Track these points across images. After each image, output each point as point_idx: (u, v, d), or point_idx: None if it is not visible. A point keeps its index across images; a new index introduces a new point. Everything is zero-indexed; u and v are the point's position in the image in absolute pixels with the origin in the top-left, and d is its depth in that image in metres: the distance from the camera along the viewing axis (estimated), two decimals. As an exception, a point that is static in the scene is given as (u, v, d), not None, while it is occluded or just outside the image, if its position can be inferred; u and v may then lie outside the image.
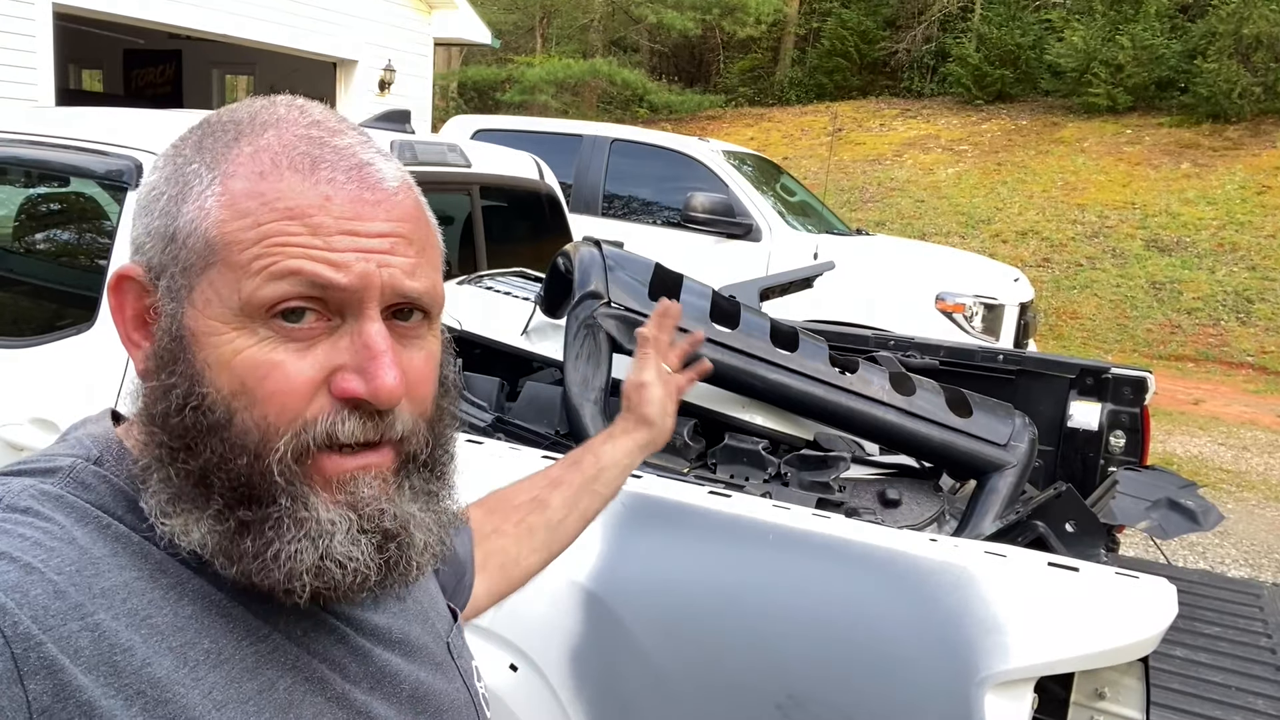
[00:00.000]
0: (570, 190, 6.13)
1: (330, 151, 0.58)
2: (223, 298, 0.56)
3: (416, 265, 0.60)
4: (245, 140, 0.59)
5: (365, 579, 0.57)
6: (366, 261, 0.57)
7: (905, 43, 17.12)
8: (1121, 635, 1.21)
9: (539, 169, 3.02)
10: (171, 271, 0.58)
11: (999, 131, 14.36)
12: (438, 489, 0.64)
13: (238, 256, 0.56)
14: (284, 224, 0.56)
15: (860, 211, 12.51)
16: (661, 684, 1.41)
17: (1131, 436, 2.45)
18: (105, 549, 0.55)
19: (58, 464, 0.58)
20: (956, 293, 5.32)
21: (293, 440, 0.56)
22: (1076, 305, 10.23)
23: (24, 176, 2.38)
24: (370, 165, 0.59)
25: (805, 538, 1.39)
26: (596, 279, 1.85)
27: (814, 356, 1.90)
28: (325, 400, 0.57)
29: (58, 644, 0.49)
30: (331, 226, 0.56)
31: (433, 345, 0.63)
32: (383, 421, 0.58)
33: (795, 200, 6.59)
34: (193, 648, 0.54)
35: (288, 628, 0.60)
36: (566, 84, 17.24)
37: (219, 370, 0.56)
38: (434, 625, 0.75)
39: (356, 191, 0.58)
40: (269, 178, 0.57)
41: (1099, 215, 11.54)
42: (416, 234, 0.61)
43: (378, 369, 0.56)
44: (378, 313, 0.58)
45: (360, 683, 0.63)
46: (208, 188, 0.57)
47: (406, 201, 0.61)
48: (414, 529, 0.60)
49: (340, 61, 9.80)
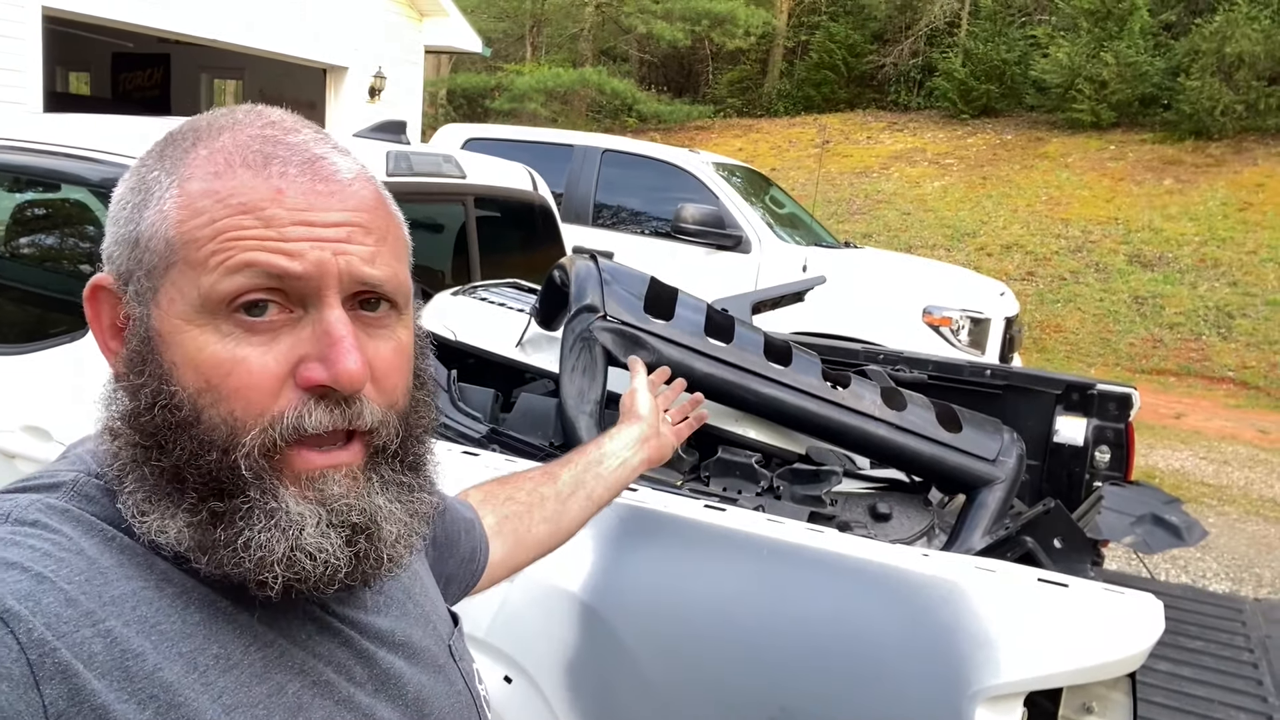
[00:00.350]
0: (561, 200, 6.15)
1: (283, 148, 0.60)
2: (185, 296, 0.57)
3: (375, 253, 0.60)
4: (202, 144, 0.60)
5: (335, 570, 0.58)
6: (321, 250, 0.58)
7: (892, 56, 17.25)
8: (1110, 651, 1.23)
9: (533, 180, 3.03)
10: (137, 275, 0.59)
11: (984, 146, 14.48)
12: (410, 480, 0.64)
13: (195, 254, 0.57)
14: (238, 218, 0.57)
15: (847, 223, 12.58)
16: (655, 696, 1.42)
17: (1116, 452, 2.48)
18: (112, 559, 0.56)
19: (60, 479, 0.60)
20: (943, 306, 5.37)
21: (260, 436, 0.57)
22: (1060, 319, 10.32)
23: (15, 183, 2.37)
24: (324, 159, 0.61)
25: (799, 551, 1.41)
26: (593, 292, 1.86)
27: (807, 371, 1.92)
28: (291, 393, 0.57)
29: (71, 650, 0.50)
30: (285, 218, 0.57)
31: (402, 336, 0.64)
32: (349, 409, 0.59)
33: (784, 212, 6.63)
34: (202, 653, 0.55)
35: (293, 633, 0.61)
36: (556, 92, 17.27)
37: (185, 368, 0.57)
38: (436, 628, 0.76)
39: (309, 183, 0.59)
40: (223, 176, 0.58)
41: (1082, 230, 11.65)
42: (375, 223, 0.61)
43: (338, 354, 0.57)
44: (337, 300, 0.58)
45: (365, 685, 0.64)
46: (166, 190, 0.59)
47: (363, 191, 0.62)
48: (382, 521, 0.61)
49: (330, 68, 9.78)
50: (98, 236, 2.23)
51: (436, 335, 2.21)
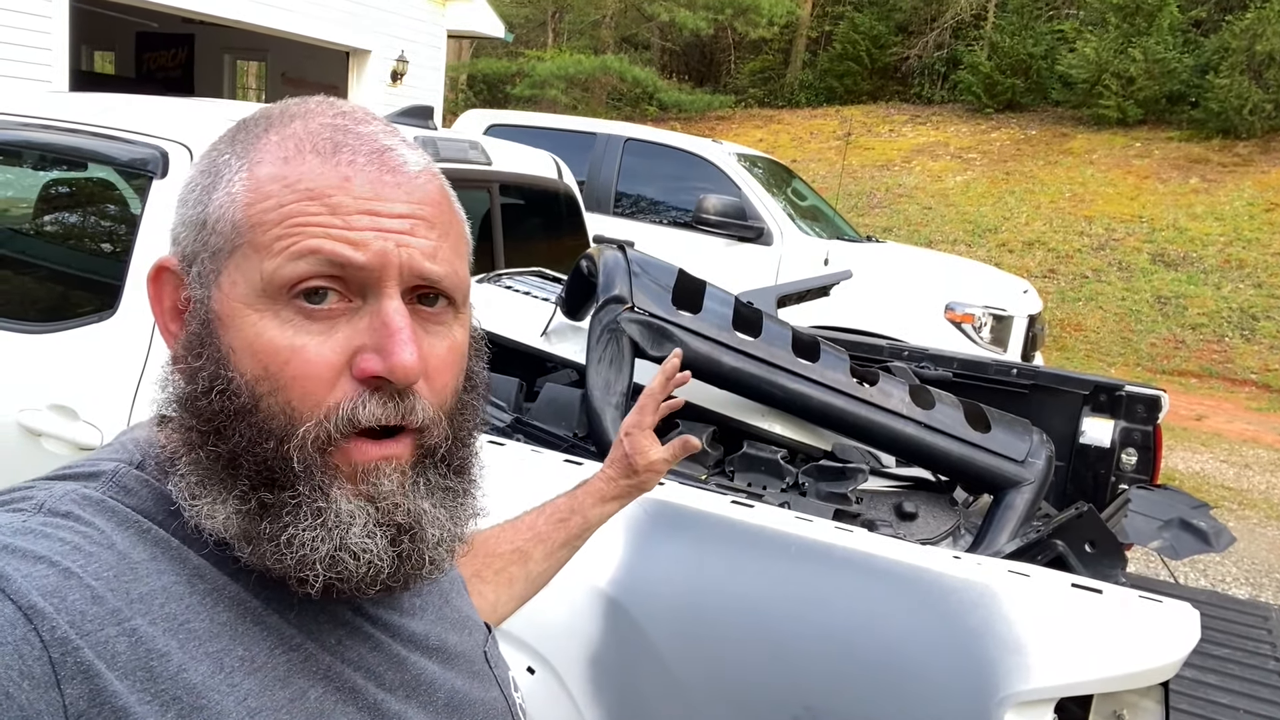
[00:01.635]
0: (583, 188, 6.13)
1: (353, 137, 0.60)
2: (247, 279, 0.57)
3: (437, 249, 0.60)
4: (274, 130, 0.60)
5: (378, 571, 0.58)
6: (385, 240, 0.57)
7: (917, 49, 17.11)
8: (1144, 659, 1.22)
9: (558, 168, 3.02)
10: (202, 258, 0.59)
11: (1008, 141, 14.35)
12: (455, 485, 0.64)
13: (261, 237, 0.57)
14: (304, 204, 0.57)
15: (867, 217, 12.51)
16: (679, 691, 1.42)
17: (1143, 454, 2.45)
18: (144, 553, 0.55)
19: (101, 468, 0.59)
20: (966, 303, 5.32)
21: (315, 428, 0.56)
22: (1081, 317, 10.23)
23: (45, 161, 2.38)
24: (392, 150, 0.60)
25: (828, 550, 1.39)
26: (621, 283, 1.85)
27: (835, 367, 1.90)
28: (348, 385, 0.57)
29: (94, 649, 0.49)
30: (351, 206, 0.57)
31: (458, 335, 0.63)
32: (403, 403, 0.58)
33: (806, 205, 6.59)
34: (228, 654, 0.55)
35: (322, 637, 0.60)
36: (577, 79, 17.21)
37: (243, 354, 0.57)
38: (471, 634, 0.75)
39: (376, 173, 0.59)
40: (292, 162, 0.58)
41: (1106, 228, 11.54)
42: (439, 218, 0.61)
43: (395, 345, 0.56)
44: (396, 292, 0.58)
45: (396, 690, 0.63)
46: (236, 174, 0.59)
47: (428, 186, 0.61)
48: (426, 524, 0.60)
49: (353, 51, 9.78)
50: (123, 216, 2.23)
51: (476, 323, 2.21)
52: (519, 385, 2.02)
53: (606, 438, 1.75)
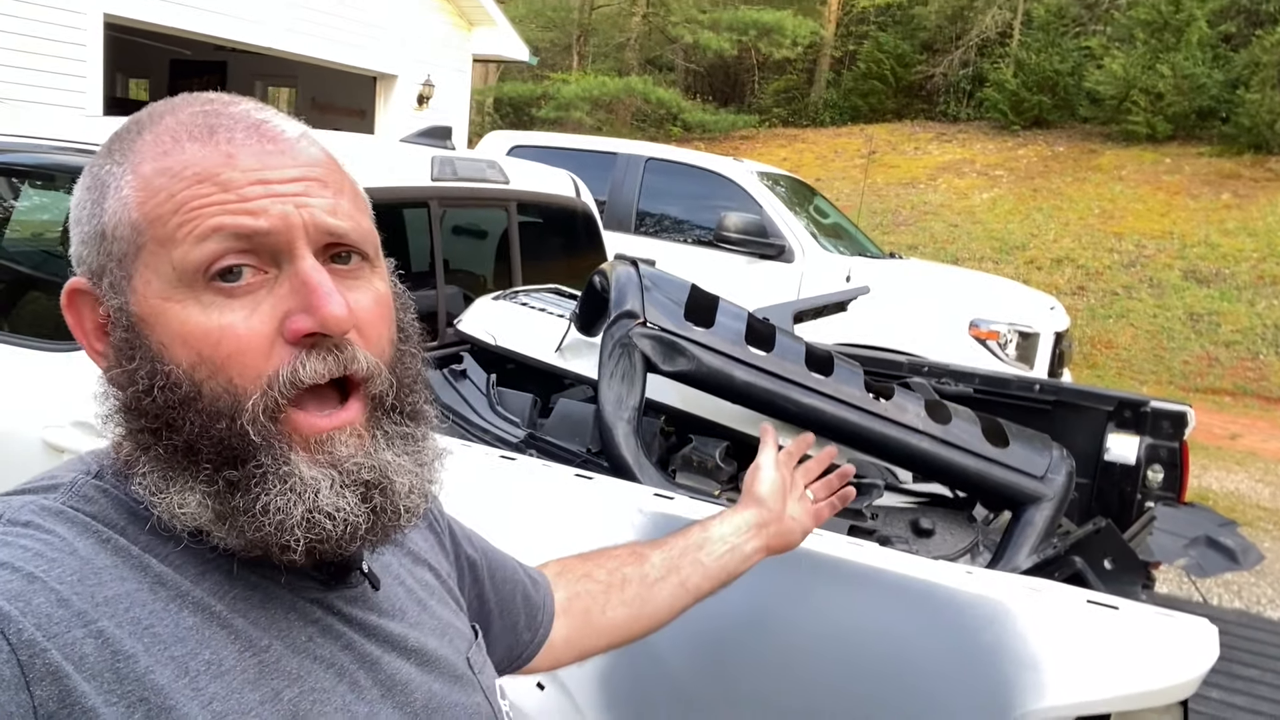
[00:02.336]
0: (604, 207, 6.16)
1: (225, 118, 0.61)
2: (159, 274, 0.58)
3: (335, 205, 0.61)
4: (146, 131, 0.61)
5: (355, 528, 0.59)
6: (283, 204, 0.58)
7: (942, 67, 17.08)
8: (1162, 677, 1.19)
9: (576, 187, 3.04)
10: (109, 268, 0.60)
11: (1035, 158, 14.25)
12: (411, 429, 0.64)
13: (162, 230, 0.58)
14: (195, 188, 0.58)
15: (893, 235, 12.45)
16: (689, 708, 1.40)
17: (1170, 471, 2.41)
18: (107, 560, 0.55)
19: (59, 480, 0.60)
20: (991, 319, 5.27)
21: (261, 398, 0.57)
22: (1112, 335, 10.10)
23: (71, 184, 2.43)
24: (267, 122, 0.62)
25: (839, 565, 1.38)
26: (633, 298, 1.85)
27: (849, 382, 1.89)
28: (283, 350, 0.58)
29: (61, 651, 0.49)
30: (241, 180, 0.58)
31: (379, 287, 0.64)
32: (342, 354, 0.59)
33: (828, 222, 6.57)
34: (193, 658, 0.55)
35: (291, 637, 0.60)
36: (601, 101, 17.35)
37: (175, 345, 0.57)
38: (452, 640, 0.75)
39: (258, 145, 0.60)
40: (172, 153, 0.59)
41: (1136, 244, 11.40)
42: (330, 177, 0.62)
43: (320, 299, 0.58)
44: (308, 251, 0.59)
45: (369, 690, 0.63)
46: (122, 179, 0.60)
47: (311, 150, 0.63)
48: (393, 474, 0.61)
49: (380, 75, 9.93)
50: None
51: (476, 339, 2.22)
52: (533, 401, 2.03)
53: (619, 452, 1.74)
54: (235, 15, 8.10)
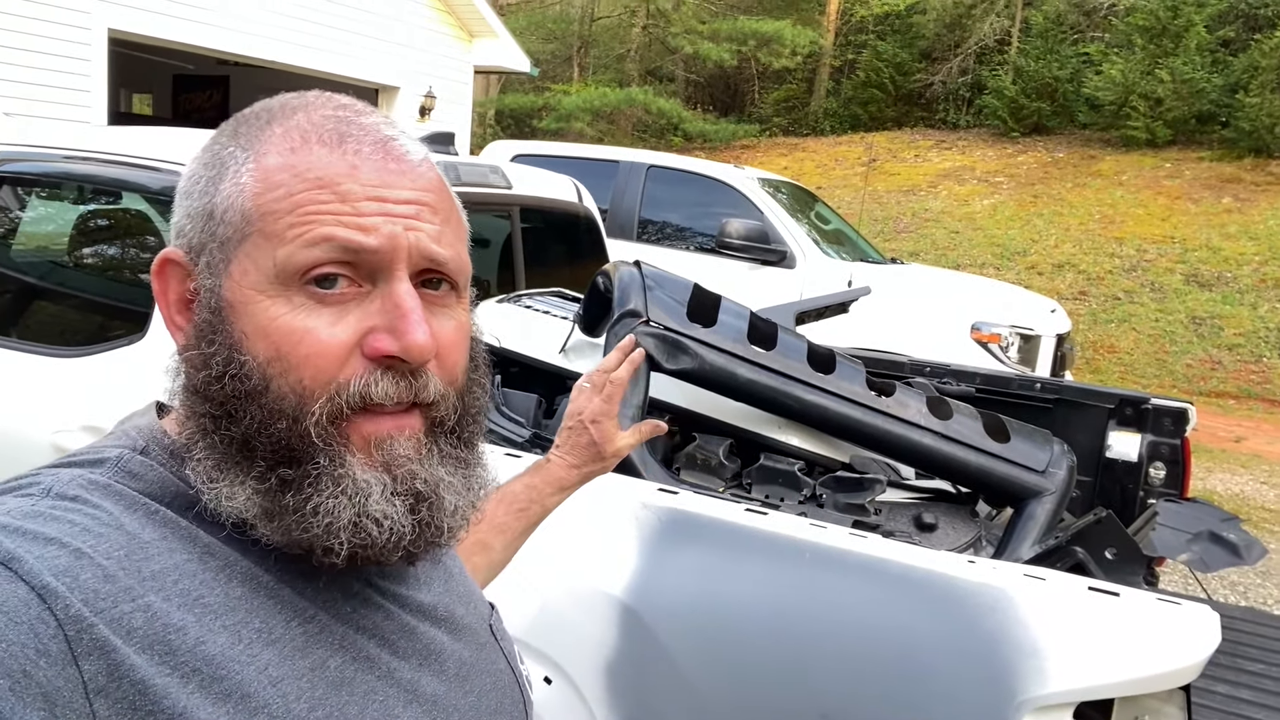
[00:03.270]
0: (607, 215, 6.18)
1: (356, 128, 0.62)
2: (259, 266, 0.58)
3: (442, 233, 0.62)
4: (277, 123, 0.62)
5: (400, 538, 0.59)
6: (393, 225, 0.59)
7: (941, 75, 17.12)
8: (1163, 662, 1.20)
9: (578, 192, 3.06)
10: (210, 248, 0.60)
11: (1035, 164, 14.28)
12: (466, 456, 0.65)
13: (272, 226, 0.58)
14: (314, 193, 0.58)
15: (894, 242, 12.47)
16: (695, 700, 1.41)
17: (1172, 468, 2.41)
18: (154, 534, 0.56)
19: (105, 455, 0.60)
20: (992, 323, 5.28)
21: (328, 404, 0.58)
22: (1114, 339, 10.10)
23: (80, 192, 2.45)
24: (394, 140, 0.63)
25: (842, 557, 1.39)
26: (636, 298, 1.87)
27: (851, 379, 1.90)
28: (358, 363, 0.58)
29: (109, 625, 0.50)
30: (359, 193, 0.59)
31: (462, 316, 0.65)
32: (415, 382, 0.60)
33: (830, 228, 6.59)
34: (245, 626, 0.55)
35: (335, 607, 0.61)
36: (602, 112, 17.41)
37: (256, 338, 0.58)
38: (476, 608, 0.77)
39: (382, 161, 0.61)
40: (299, 152, 0.60)
41: (1137, 249, 11.41)
42: (441, 204, 0.63)
43: (408, 326, 0.58)
44: (406, 275, 0.60)
45: (409, 658, 0.65)
46: (243, 165, 0.60)
47: (430, 174, 0.64)
48: (443, 491, 0.61)
49: (382, 88, 9.98)
50: (154, 244, 2.30)
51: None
52: (538, 401, 2.04)
53: (623, 450, 1.76)
54: (238, 30, 8.16)
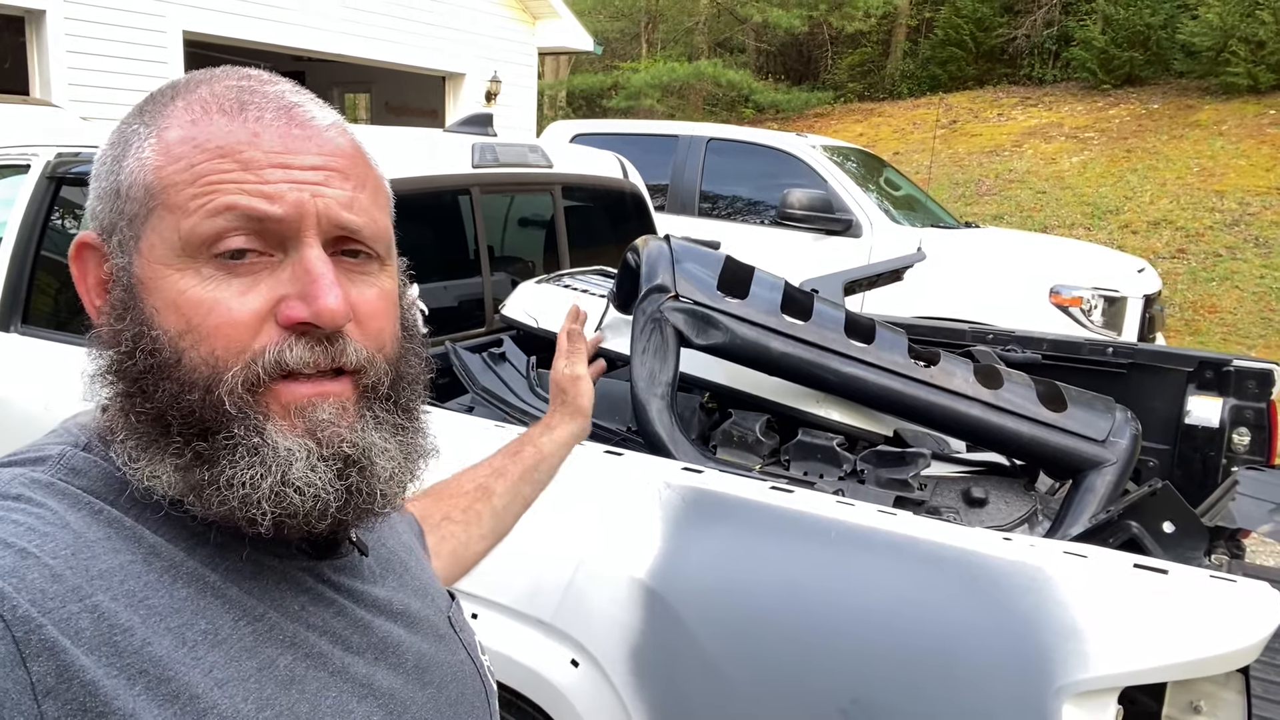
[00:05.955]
0: (666, 190, 6.11)
1: (258, 96, 0.60)
2: (165, 240, 0.58)
3: (353, 199, 0.60)
4: (180, 97, 0.61)
5: (325, 505, 0.57)
6: (299, 191, 0.58)
7: (1024, 28, 16.40)
8: (1216, 643, 1.11)
9: (623, 168, 3.01)
10: (120, 226, 0.60)
11: (1128, 117, 13.57)
12: (403, 422, 0.64)
13: (175, 198, 0.57)
14: (215, 162, 0.57)
15: (976, 205, 12.04)
16: (723, 683, 1.38)
17: (1257, 434, 2.26)
18: (99, 533, 0.55)
19: (47, 453, 0.60)
20: (1073, 285, 5.03)
21: (242, 371, 0.57)
22: (1216, 298, 9.55)
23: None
24: (299, 105, 0.61)
25: (870, 535, 1.33)
26: (664, 272, 1.82)
27: (891, 349, 1.82)
28: (272, 331, 0.57)
29: (58, 626, 0.49)
30: (262, 160, 0.58)
31: (386, 284, 0.64)
32: (332, 347, 0.59)
33: (900, 194, 6.39)
34: (190, 628, 0.55)
35: (284, 605, 0.60)
36: (671, 87, 17.25)
37: (167, 311, 0.57)
38: (434, 600, 0.75)
39: (285, 127, 0.59)
40: (199, 123, 0.59)
41: (1240, 202, 10.75)
42: (353, 170, 0.61)
43: (318, 291, 0.57)
44: (316, 241, 0.59)
45: (363, 654, 0.63)
46: (145, 140, 0.60)
47: (340, 139, 0.62)
48: (376, 456, 0.60)
49: (449, 75, 10.11)
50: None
51: (519, 323, 2.22)
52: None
53: (653, 429, 1.72)
54: (309, 25, 8.34)
